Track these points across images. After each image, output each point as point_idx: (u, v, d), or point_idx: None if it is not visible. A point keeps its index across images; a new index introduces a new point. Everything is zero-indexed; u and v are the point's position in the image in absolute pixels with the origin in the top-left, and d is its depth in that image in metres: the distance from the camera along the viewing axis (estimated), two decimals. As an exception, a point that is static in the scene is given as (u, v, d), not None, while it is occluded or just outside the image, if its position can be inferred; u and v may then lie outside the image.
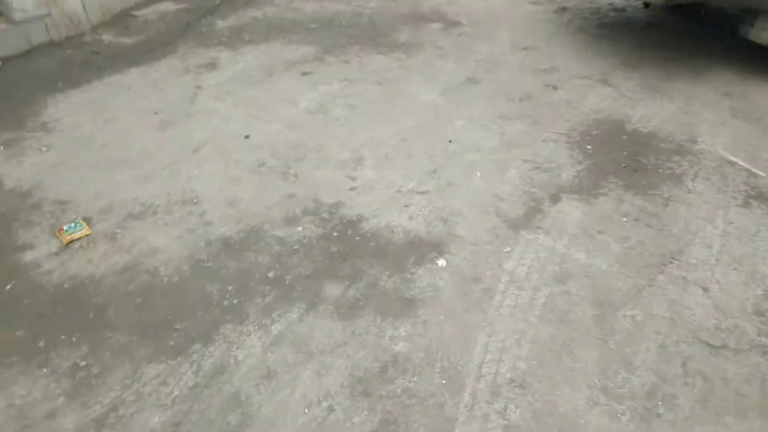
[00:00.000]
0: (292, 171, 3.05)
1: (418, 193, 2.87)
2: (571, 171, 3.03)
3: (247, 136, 3.34)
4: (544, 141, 3.29)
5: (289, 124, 3.46)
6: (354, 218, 2.70)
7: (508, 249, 2.49)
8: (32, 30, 4.46)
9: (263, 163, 3.11)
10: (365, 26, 4.92)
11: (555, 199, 2.81)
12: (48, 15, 4.52)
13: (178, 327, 2.15)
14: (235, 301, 2.26)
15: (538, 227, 2.62)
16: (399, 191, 2.88)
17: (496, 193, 2.86)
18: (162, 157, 3.16)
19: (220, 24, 4.97)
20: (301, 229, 2.64)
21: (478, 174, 3.00)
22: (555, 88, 3.86)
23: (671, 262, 2.43)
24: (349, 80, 4.00)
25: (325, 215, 2.73)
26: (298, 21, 5.03)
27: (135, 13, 5.28)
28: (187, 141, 3.30)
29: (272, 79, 4.01)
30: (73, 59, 4.35)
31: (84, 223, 2.67)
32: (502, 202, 2.79)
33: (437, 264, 2.41)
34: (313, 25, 4.93)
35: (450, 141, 3.28)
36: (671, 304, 2.23)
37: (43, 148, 3.26)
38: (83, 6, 4.82)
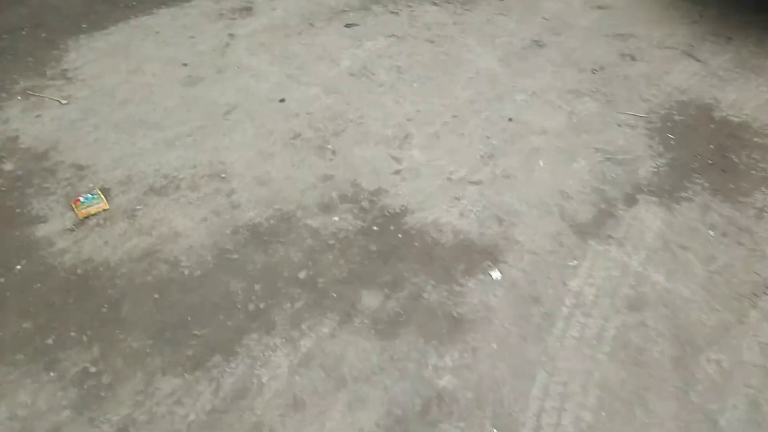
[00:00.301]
0: (329, 146, 2.72)
1: (471, 182, 2.53)
2: (649, 165, 2.63)
3: (281, 100, 3.01)
4: (619, 125, 2.87)
5: (329, 88, 3.10)
6: (397, 210, 2.39)
7: (575, 263, 2.16)
8: (56, -41, 4.09)
9: (298, 135, 2.78)
10: (418, -30, 4.39)
11: (630, 200, 2.44)
12: (73, -57, 4.13)
13: (198, 333, 1.93)
14: (261, 305, 2.02)
15: (610, 236, 2.28)
16: (449, 179, 2.55)
17: (562, 188, 2.50)
18: (188, 120, 2.86)
19: (258, -40, 4.50)
20: (337, 219, 2.35)
21: (541, 163, 2.63)
22: (633, 58, 3.38)
23: (765, 293, 2.08)
24: (397, 36, 3.57)
25: (364, 204, 2.42)
26: (343, -40, 4.52)
27: (167, -58, 4.83)
28: (216, 102, 2.99)
29: (312, 30, 3.61)
30: (99, -5, 4.00)
31: (101, 195, 2.42)
32: (568, 201, 2.43)
33: (491, 276, 2.11)
34: (360, -33, 4.43)
35: (510, 119, 2.89)
36: (765, 348, 1.90)
37: (63, 101, 2.99)
38: (111, -67, 4.39)
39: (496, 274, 2.11)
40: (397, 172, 2.59)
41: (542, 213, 2.38)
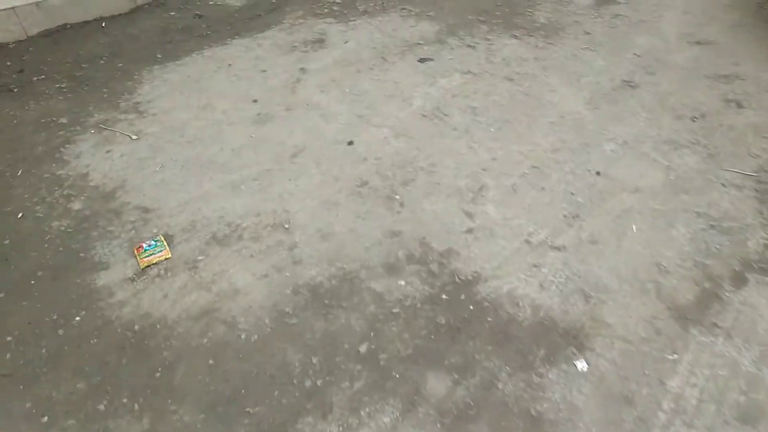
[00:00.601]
0: (398, 197, 2.56)
1: (553, 248, 2.29)
2: (760, 236, 2.30)
3: (350, 143, 2.88)
4: (723, 185, 2.54)
5: (399, 131, 2.94)
6: (469, 276, 2.19)
7: (674, 356, 1.88)
8: (138, -12, 4.18)
9: (365, 183, 2.64)
10: (497, -1, 4.19)
11: (739, 280, 2.13)
12: (154, -28, 4.22)
13: (251, 411, 1.80)
14: (318, 382, 1.87)
15: (716, 325, 1.98)
16: (527, 242, 2.32)
17: (658, 260, 2.22)
18: (255, 163, 2.78)
19: (333, -12, 4.44)
20: (403, 283, 2.18)
21: (634, 228, 2.36)
22: (739, 105, 3.02)
23: None
24: (474, 73, 3.37)
25: (433, 267, 2.24)
26: (419, -12, 4.38)
27: (244, -32, 4.86)
28: (284, 143, 2.89)
29: (384, 65, 3.47)
30: (175, 24, 4.04)
31: (164, 243, 2.37)
32: (665, 277, 2.15)
33: (576, 366, 1.87)
34: (436, -5, 4.27)
35: (597, 173, 2.63)
36: None
37: (134, 136, 2.98)
38: (191, -39, 4.46)
39: (581, 365, 1.86)
40: (470, 230, 2.38)
41: (635, 290, 2.11)
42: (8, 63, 3.63)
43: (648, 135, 2.83)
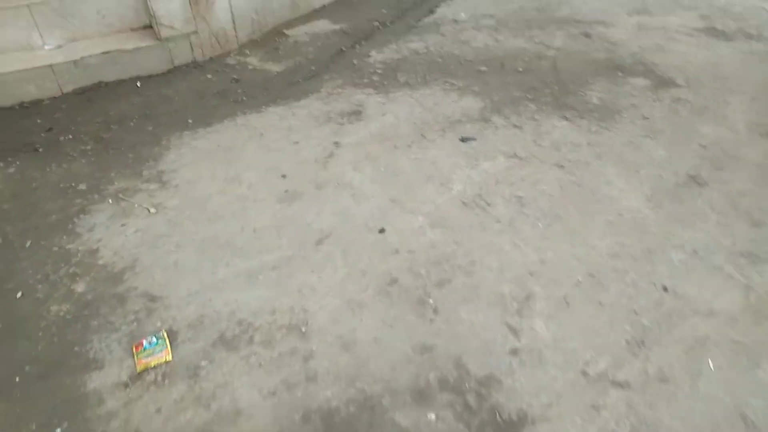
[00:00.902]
0: (431, 301, 2.26)
1: (615, 383, 1.93)
2: None
3: (381, 230, 2.61)
4: (817, 314, 2.16)
5: (436, 220, 2.66)
6: (513, 417, 1.84)
7: None
8: (177, 48, 4.12)
9: (395, 281, 2.35)
10: (547, 75, 3.96)
11: None
12: (195, 32, 4.16)
13: None
14: None
15: None
16: (584, 373, 1.97)
17: (743, 411, 1.83)
18: (277, 247, 2.53)
19: (374, 56, 4.29)
20: (433, 417, 1.85)
21: (711, 364, 1.98)
22: (826, 212, 2.65)
23: None
24: (520, 157, 3.10)
25: (470, 398, 1.90)
26: (464, 59, 4.20)
27: (287, 31, 4.81)
28: (310, 226, 2.65)
29: (423, 143, 3.24)
30: (211, 87, 3.93)
31: (167, 341, 2.11)
32: (753, 436, 1.76)
33: None
34: (483, 68, 4.07)
35: (664, 288, 2.28)
36: None
37: (152, 209, 2.79)
38: (233, 22, 4.41)
39: None
40: (514, 351, 2.05)
41: (717, 451, 1.73)
42: (39, 121, 3.56)
43: (721, 244, 2.48)
